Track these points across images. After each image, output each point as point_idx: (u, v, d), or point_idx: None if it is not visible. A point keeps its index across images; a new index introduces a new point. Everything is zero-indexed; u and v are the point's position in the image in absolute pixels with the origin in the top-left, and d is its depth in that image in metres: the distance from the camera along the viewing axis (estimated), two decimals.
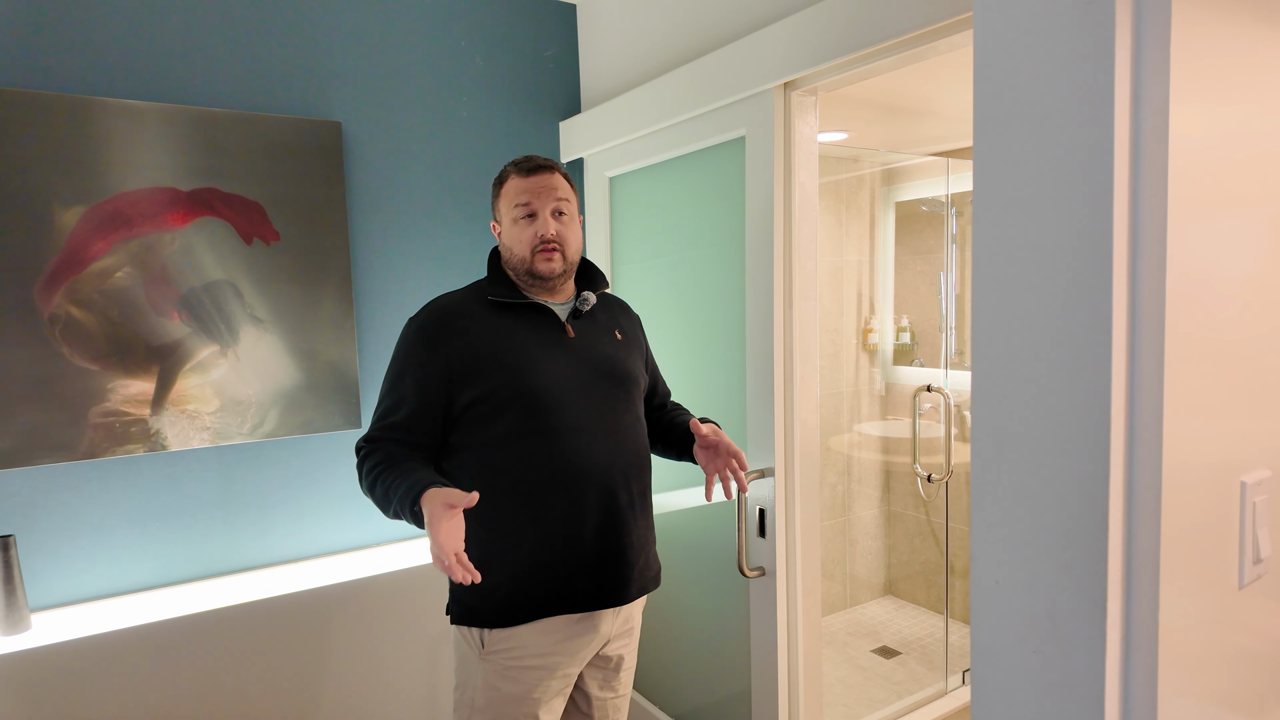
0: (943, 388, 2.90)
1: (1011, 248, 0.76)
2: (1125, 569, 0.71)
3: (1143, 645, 0.71)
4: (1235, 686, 0.85)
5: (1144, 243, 0.71)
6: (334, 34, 2.10)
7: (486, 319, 1.45)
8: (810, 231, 1.77)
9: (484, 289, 1.50)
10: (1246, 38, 0.79)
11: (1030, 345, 0.74)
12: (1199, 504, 0.76)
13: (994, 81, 0.75)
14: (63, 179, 1.76)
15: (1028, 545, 0.74)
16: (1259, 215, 0.83)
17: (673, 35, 2.10)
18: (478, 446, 1.42)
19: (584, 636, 1.45)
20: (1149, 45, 0.69)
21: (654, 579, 1.54)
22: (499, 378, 1.40)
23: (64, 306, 1.77)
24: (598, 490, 1.42)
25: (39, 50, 1.76)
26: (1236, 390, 0.81)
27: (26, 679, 1.60)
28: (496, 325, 1.44)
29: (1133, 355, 0.72)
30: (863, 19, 1.47)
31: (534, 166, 1.48)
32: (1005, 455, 0.76)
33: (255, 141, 1.97)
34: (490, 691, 1.41)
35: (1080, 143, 0.70)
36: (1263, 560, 0.82)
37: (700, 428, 1.45)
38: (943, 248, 3.19)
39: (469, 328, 1.43)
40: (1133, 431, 0.72)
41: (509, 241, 1.49)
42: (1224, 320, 0.79)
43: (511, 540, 1.40)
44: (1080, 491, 0.72)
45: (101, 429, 1.82)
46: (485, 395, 1.40)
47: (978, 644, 0.78)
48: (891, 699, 2.56)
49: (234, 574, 2.02)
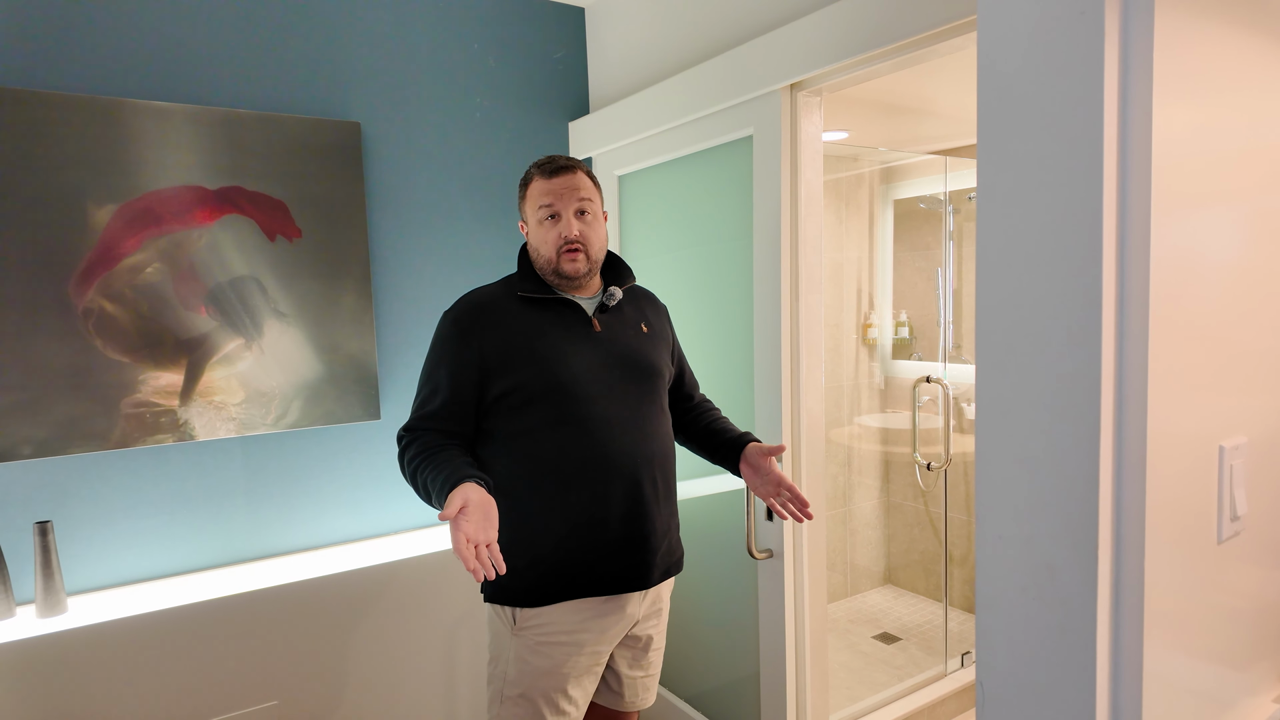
0: (941, 379, 2.98)
1: (1011, 236, 0.83)
2: (1115, 524, 0.79)
3: (1131, 593, 0.79)
4: (1214, 631, 0.93)
5: (1130, 232, 0.78)
6: (353, 38, 2.17)
7: (517, 314, 1.51)
8: (815, 228, 1.85)
9: (515, 284, 1.56)
10: (1224, 43, 0.86)
11: (1028, 324, 0.82)
12: (1181, 466, 0.84)
13: (995, 86, 0.83)
14: (95, 178, 1.83)
15: (1028, 504, 0.82)
16: (1236, 206, 0.91)
17: (679, 38, 2.18)
18: (510, 435, 1.48)
19: (611, 617, 1.52)
20: (1135, 53, 0.77)
21: (677, 563, 1.61)
22: (529, 371, 1.46)
23: (97, 301, 1.84)
24: (624, 479, 1.48)
25: (71, 55, 1.82)
26: (1215, 365, 0.88)
27: (65, 658, 1.67)
28: (527, 320, 1.50)
29: (1121, 333, 0.79)
30: (867, 23, 1.54)
31: (557, 167, 1.53)
32: (1007, 423, 0.83)
33: (278, 141, 2.04)
34: (521, 665, 1.48)
35: (1073, 141, 0.78)
36: (1239, 518, 0.90)
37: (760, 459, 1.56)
38: (940, 244, 3.27)
39: (501, 321, 1.50)
40: (1121, 402, 0.79)
41: (535, 242, 1.54)
42: (1204, 302, 0.86)
43: (541, 525, 1.46)
44: (1075, 455, 0.79)
45: (133, 419, 1.88)
46: (516, 387, 1.46)
47: (982, 593, 0.85)
48: (893, 681, 2.64)
49: (259, 560, 2.09)
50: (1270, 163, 0.96)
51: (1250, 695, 1.01)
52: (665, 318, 1.72)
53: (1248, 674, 1.00)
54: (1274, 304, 0.99)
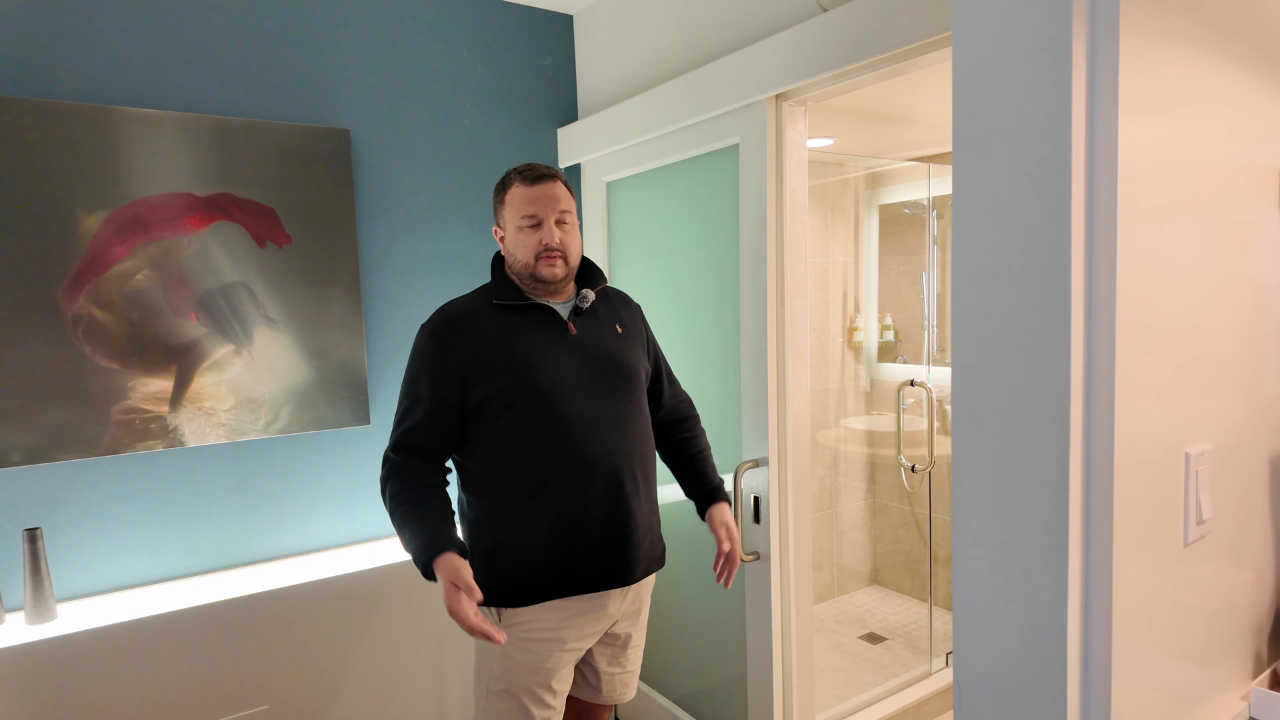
0: (926, 382, 3.02)
1: (985, 249, 0.86)
2: (1085, 528, 0.82)
3: (1100, 594, 0.82)
4: (1181, 630, 0.96)
5: (1098, 244, 0.82)
6: (343, 45, 2.18)
7: (494, 321, 1.54)
8: (800, 234, 1.88)
9: (490, 293, 1.58)
10: (1188, 63, 0.90)
11: (1001, 334, 0.85)
12: (1148, 472, 0.87)
13: (970, 104, 0.86)
14: (85, 185, 1.83)
15: (1001, 509, 0.85)
16: (1199, 218, 0.95)
17: (666, 47, 2.20)
18: (491, 440, 1.51)
19: (592, 614, 1.55)
20: (1101, 73, 0.80)
21: (659, 559, 1.64)
22: (508, 377, 1.49)
23: (86, 308, 1.84)
24: (604, 478, 1.51)
25: (61, 62, 1.83)
26: (1181, 373, 0.92)
27: (54, 665, 1.67)
28: (503, 327, 1.53)
29: (1089, 343, 0.82)
30: (851, 35, 1.58)
31: (538, 176, 1.55)
32: (981, 430, 0.86)
33: (268, 148, 2.05)
34: (505, 661, 1.52)
35: (1043, 158, 0.81)
36: (1205, 521, 0.93)
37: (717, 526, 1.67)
38: (924, 249, 3.31)
39: (478, 330, 1.53)
40: (1090, 409, 0.82)
41: (513, 248, 1.56)
42: (1169, 312, 0.90)
43: (525, 526, 1.49)
44: (1045, 461, 0.82)
45: (122, 425, 1.89)
46: (495, 393, 1.49)
47: (959, 596, 0.88)
48: (879, 681, 2.68)
49: (248, 565, 2.10)
50: (1232, 176, 1.00)
51: (1218, 692, 1.05)
52: (639, 315, 1.76)
53: (1215, 671, 1.04)
54: (1236, 313, 1.03)
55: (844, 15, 1.58)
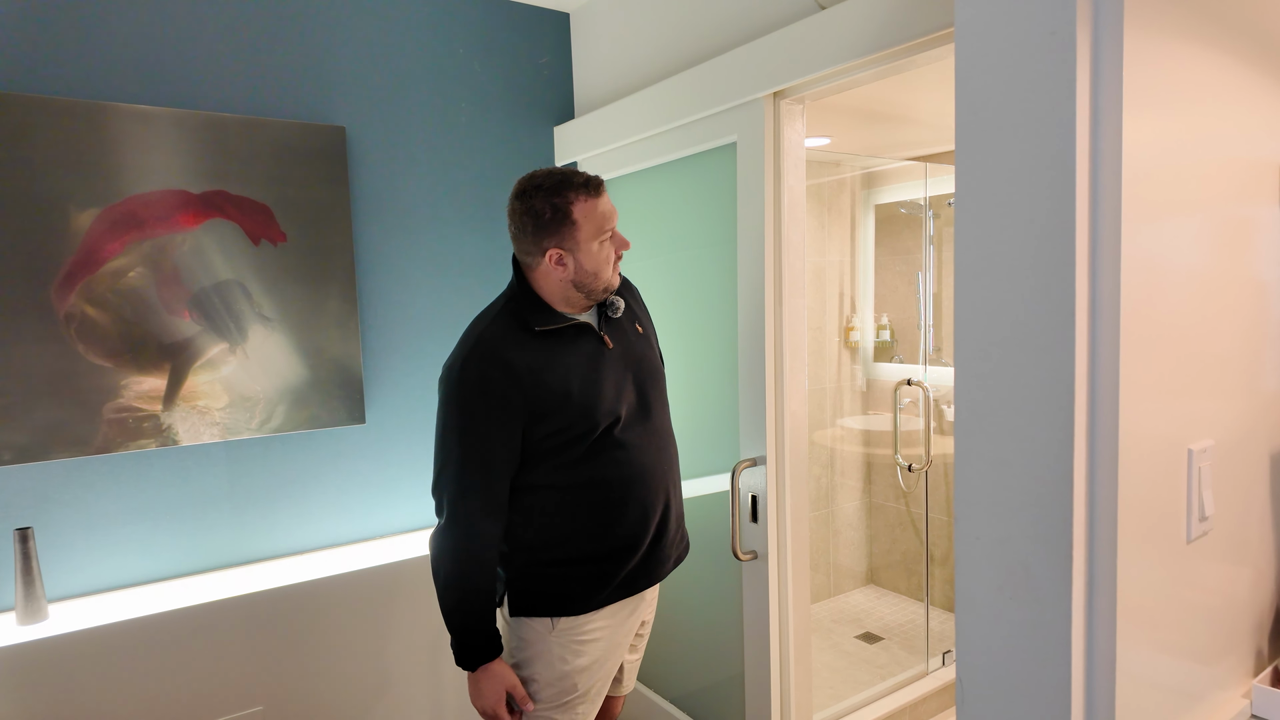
0: (922, 381, 3.02)
1: (988, 245, 0.86)
2: (1088, 525, 0.82)
3: (1104, 591, 0.81)
4: (1184, 627, 0.96)
5: (1102, 241, 0.81)
6: (338, 42, 2.17)
7: (536, 350, 1.45)
8: (798, 233, 1.87)
9: (521, 318, 1.47)
10: (1192, 60, 0.90)
11: (1005, 330, 0.85)
12: (1151, 469, 0.87)
13: (972, 99, 0.86)
14: (78, 182, 1.81)
15: (1004, 505, 0.84)
16: (1203, 215, 0.94)
17: (663, 45, 2.20)
18: (551, 467, 1.48)
19: (638, 610, 1.61)
20: (1105, 69, 0.80)
21: (686, 548, 1.70)
22: (569, 413, 1.44)
23: (79, 306, 1.83)
24: (657, 492, 1.56)
25: (54, 57, 1.81)
26: (1184, 369, 0.92)
27: (45, 666, 1.66)
28: (549, 357, 1.45)
29: (1093, 340, 0.82)
30: (849, 32, 1.57)
31: (598, 184, 1.45)
32: (984, 427, 0.86)
33: (263, 145, 2.03)
34: (561, 665, 1.53)
35: (1046, 155, 0.80)
36: (1208, 518, 0.93)
37: None
38: (921, 249, 3.32)
39: (527, 368, 1.43)
40: (1093, 406, 0.82)
41: (594, 265, 1.45)
42: (1173, 309, 0.90)
43: (585, 542, 1.51)
44: (1049, 458, 0.82)
45: (115, 424, 1.87)
46: (558, 430, 1.45)
47: (961, 591, 0.88)
48: (875, 681, 2.67)
49: (242, 565, 2.08)
50: (1233, 173, 1.00)
51: (1220, 690, 1.04)
52: (638, 297, 1.75)
53: (1217, 669, 1.04)
54: (1239, 310, 1.03)
55: (842, 12, 1.58)
